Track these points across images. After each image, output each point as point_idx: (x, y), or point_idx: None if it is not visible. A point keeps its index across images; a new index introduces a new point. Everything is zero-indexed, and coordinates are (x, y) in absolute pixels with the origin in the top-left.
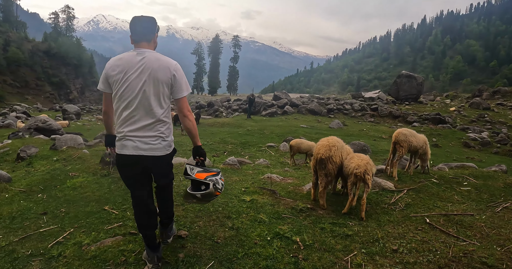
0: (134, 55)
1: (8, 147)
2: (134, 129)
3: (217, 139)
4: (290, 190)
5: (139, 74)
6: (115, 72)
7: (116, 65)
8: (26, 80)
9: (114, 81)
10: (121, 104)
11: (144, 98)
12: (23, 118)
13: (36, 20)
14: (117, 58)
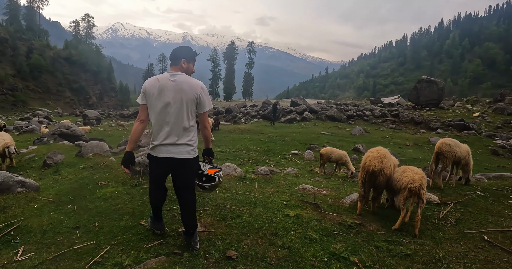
0: (168, 77)
1: (34, 153)
2: (166, 138)
3: (239, 146)
4: (331, 203)
5: (172, 93)
6: (152, 90)
7: (153, 84)
8: (48, 86)
9: (150, 97)
10: (156, 117)
11: (176, 113)
12: (45, 123)
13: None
14: (154, 78)
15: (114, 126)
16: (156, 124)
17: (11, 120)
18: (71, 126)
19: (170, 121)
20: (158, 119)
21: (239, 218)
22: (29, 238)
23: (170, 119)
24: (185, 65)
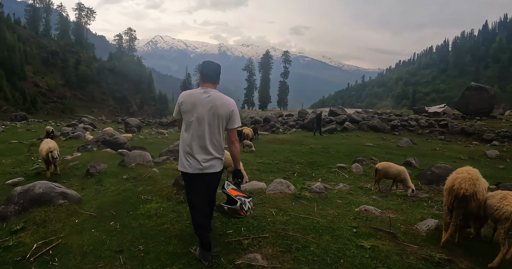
0: (201, 93)
1: (78, 160)
2: (197, 152)
3: (281, 157)
4: (404, 229)
5: (205, 109)
6: (186, 105)
7: (187, 99)
8: (93, 95)
9: (184, 111)
10: (188, 131)
11: (207, 127)
12: (90, 129)
13: (103, 42)
14: (188, 94)
15: (154, 134)
16: (187, 138)
17: (59, 126)
18: (114, 134)
19: (202, 135)
20: (191, 133)
21: (306, 250)
22: (68, 261)
23: (202, 134)
24: (219, 82)
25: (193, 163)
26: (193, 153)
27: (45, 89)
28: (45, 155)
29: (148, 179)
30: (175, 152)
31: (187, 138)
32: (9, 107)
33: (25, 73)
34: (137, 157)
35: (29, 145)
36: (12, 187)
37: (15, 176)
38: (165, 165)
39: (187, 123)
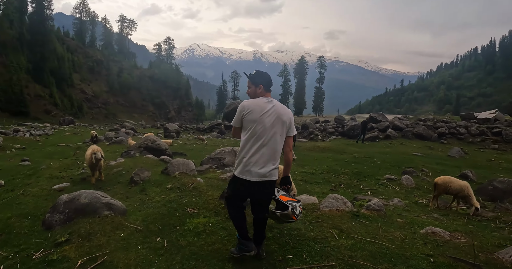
0: (266, 102)
1: (122, 166)
2: (261, 160)
3: (324, 167)
4: (483, 259)
5: (272, 118)
6: (254, 114)
7: (253, 108)
8: (134, 101)
9: (250, 120)
10: (253, 139)
11: (273, 136)
12: (131, 134)
13: (143, 51)
14: (255, 103)
15: (193, 139)
16: (252, 146)
17: (103, 130)
18: (156, 140)
19: (267, 144)
20: (256, 141)
21: None
22: None
23: (267, 142)
24: None
25: (256, 171)
26: (257, 161)
27: (91, 95)
28: (89, 157)
29: (193, 189)
30: (217, 160)
31: (251, 146)
32: (58, 112)
33: (73, 80)
34: (181, 166)
35: (75, 148)
36: (58, 193)
37: (61, 181)
38: (208, 174)
39: (252, 131)
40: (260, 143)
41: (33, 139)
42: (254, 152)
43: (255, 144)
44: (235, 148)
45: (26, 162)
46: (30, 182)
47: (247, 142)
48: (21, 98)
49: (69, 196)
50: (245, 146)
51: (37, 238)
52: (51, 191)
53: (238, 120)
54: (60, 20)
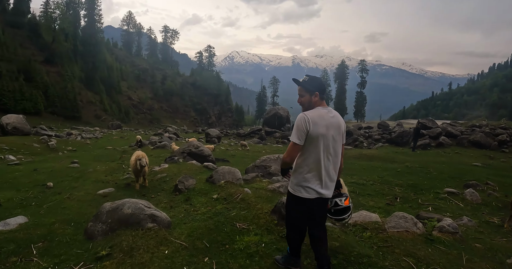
0: (326, 113)
1: (166, 172)
2: (326, 175)
3: (375, 177)
4: None
5: (335, 129)
6: (320, 128)
7: (320, 122)
8: (177, 107)
9: (317, 135)
10: (316, 154)
11: (337, 149)
12: (174, 138)
13: (185, 59)
14: (318, 115)
15: (234, 145)
16: (315, 161)
17: (147, 135)
18: (199, 146)
19: (333, 158)
20: (320, 156)
21: None
22: None
23: (332, 156)
24: None
25: (318, 188)
26: (321, 177)
27: (137, 101)
28: (134, 163)
29: (240, 201)
30: (262, 168)
31: (316, 162)
32: (107, 117)
33: (120, 88)
34: (226, 174)
35: (121, 151)
36: (102, 199)
37: (106, 185)
38: (255, 184)
39: (316, 145)
40: (326, 158)
41: (83, 142)
42: (320, 168)
43: (320, 160)
44: (281, 156)
45: (75, 164)
46: (76, 186)
47: (308, 158)
48: (75, 104)
49: (112, 205)
50: (308, 162)
51: (78, 248)
52: (95, 196)
53: (301, 136)
54: (109, 33)
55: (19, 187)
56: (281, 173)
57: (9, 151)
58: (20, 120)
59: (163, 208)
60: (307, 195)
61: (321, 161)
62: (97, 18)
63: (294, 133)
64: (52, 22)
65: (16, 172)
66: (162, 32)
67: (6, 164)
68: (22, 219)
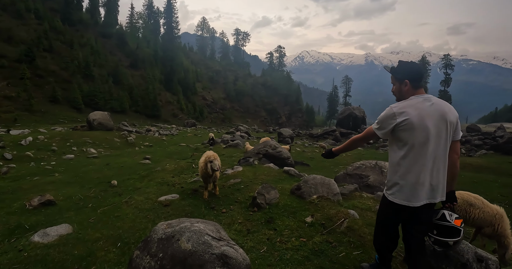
0: (421, 101)
1: (239, 177)
2: (430, 177)
3: (496, 195)
4: None
5: (435, 121)
6: (412, 120)
7: (411, 112)
8: (248, 107)
9: (408, 129)
10: (414, 153)
11: (442, 144)
12: (246, 137)
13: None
14: (408, 105)
15: (308, 146)
16: (413, 160)
17: (220, 133)
18: (277, 146)
19: (434, 155)
20: (419, 154)
21: None
22: None
23: (434, 153)
24: None
25: (424, 193)
26: (424, 181)
27: (210, 101)
28: (203, 166)
29: (347, 231)
30: (356, 177)
31: (413, 162)
32: (183, 115)
33: (196, 89)
34: (319, 186)
35: (193, 149)
36: (162, 208)
37: (171, 190)
38: (356, 201)
39: (412, 144)
40: (426, 157)
41: (159, 138)
42: (418, 169)
43: (418, 159)
44: (379, 163)
45: (147, 160)
46: (140, 187)
47: (405, 157)
48: (155, 103)
49: (167, 231)
50: (404, 162)
51: None
52: (155, 204)
53: (386, 129)
54: (186, 38)
55: (84, 183)
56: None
57: (92, 144)
58: (104, 116)
59: (238, 232)
60: (400, 200)
61: (417, 162)
62: (174, 25)
63: (378, 123)
64: (136, 31)
65: (90, 165)
66: (233, 35)
67: (86, 157)
68: (65, 229)
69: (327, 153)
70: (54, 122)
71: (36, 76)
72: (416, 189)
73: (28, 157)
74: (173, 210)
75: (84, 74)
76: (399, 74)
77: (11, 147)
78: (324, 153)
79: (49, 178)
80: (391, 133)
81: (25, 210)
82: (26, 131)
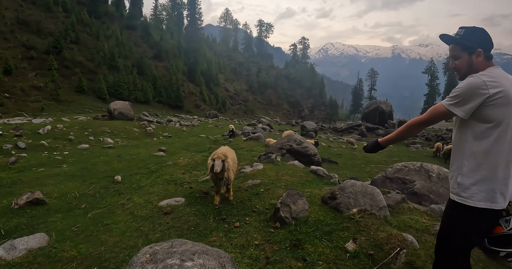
0: (504, 73)
1: (259, 177)
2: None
3: None
4: None
5: None
6: (504, 90)
7: (500, 82)
8: (270, 99)
9: (501, 104)
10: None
11: None
12: (267, 130)
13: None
14: (502, 75)
15: (333, 140)
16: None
17: (241, 125)
18: (302, 141)
19: None
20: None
21: None
22: None
23: None
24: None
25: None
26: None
27: (233, 93)
28: (210, 167)
29: (404, 261)
30: (398, 182)
31: (509, 149)
32: (205, 106)
33: (219, 80)
34: (359, 195)
35: (212, 141)
36: (161, 217)
37: (177, 190)
38: (405, 216)
39: (507, 123)
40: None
41: (180, 128)
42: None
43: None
44: (425, 165)
45: (161, 152)
46: (144, 184)
47: (497, 142)
48: (178, 94)
49: (153, 258)
50: (494, 150)
51: None
52: (155, 210)
53: (472, 103)
54: (209, 30)
55: (88, 178)
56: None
57: (110, 134)
58: (125, 106)
59: (253, 261)
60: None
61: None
62: (198, 16)
63: (454, 95)
64: (160, 23)
65: (102, 156)
66: (257, 27)
67: (101, 147)
68: (39, 241)
69: (372, 146)
70: (80, 111)
71: (63, 67)
72: (507, 185)
73: (42, 147)
74: (174, 220)
75: (109, 65)
76: (468, 42)
77: (28, 135)
78: (368, 145)
79: (55, 169)
80: (475, 111)
81: (9, 209)
82: (49, 120)
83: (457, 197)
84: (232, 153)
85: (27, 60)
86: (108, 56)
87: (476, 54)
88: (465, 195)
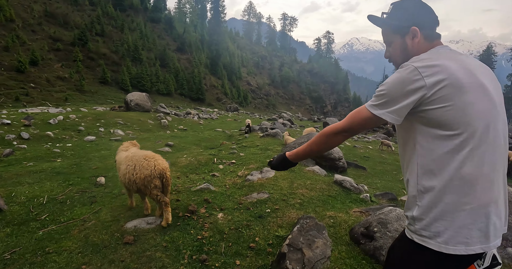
0: (452, 52)
1: (268, 189)
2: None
3: None
4: None
5: (491, 80)
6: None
7: (442, 64)
8: (293, 93)
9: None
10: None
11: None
12: (288, 125)
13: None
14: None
15: (357, 139)
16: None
17: (261, 119)
18: None
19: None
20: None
21: None
22: None
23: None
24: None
25: (494, 227)
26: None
27: (255, 87)
28: None
29: None
30: None
31: (480, 161)
32: (227, 100)
33: (241, 74)
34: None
35: (228, 136)
36: (120, 247)
37: None
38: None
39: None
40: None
41: (197, 122)
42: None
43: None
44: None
45: (167, 148)
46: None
47: (452, 157)
48: (200, 87)
49: None
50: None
51: None
52: (116, 235)
53: (401, 103)
54: (232, 23)
55: (72, 177)
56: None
57: (122, 125)
58: (142, 97)
59: None
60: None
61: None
62: (221, 9)
63: (381, 95)
64: (184, 16)
65: (103, 150)
66: (280, 20)
67: (109, 139)
68: None
69: (278, 161)
70: (102, 102)
71: (88, 59)
72: (488, 216)
73: (47, 137)
74: (132, 256)
75: (133, 57)
76: (398, 20)
77: (37, 125)
78: (273, 160)
79: (45, 164)
80: (412, 115)
81: None
82: (67, 110)
83: (416, 235)
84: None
85: (54, 52)
86: (132, 48)
87: (410, 35)
88: (425, 233)
